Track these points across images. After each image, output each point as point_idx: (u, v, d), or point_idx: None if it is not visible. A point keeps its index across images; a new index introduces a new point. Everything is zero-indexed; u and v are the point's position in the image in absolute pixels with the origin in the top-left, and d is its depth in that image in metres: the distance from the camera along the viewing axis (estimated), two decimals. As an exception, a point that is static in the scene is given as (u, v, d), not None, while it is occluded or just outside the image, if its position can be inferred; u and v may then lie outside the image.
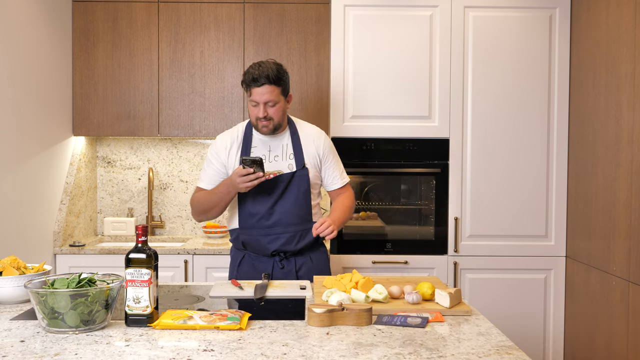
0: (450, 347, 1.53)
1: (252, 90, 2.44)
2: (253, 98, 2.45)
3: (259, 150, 2.54)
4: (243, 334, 1.61)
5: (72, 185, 3.57)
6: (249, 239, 2.53)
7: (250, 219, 2.52)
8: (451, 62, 3.35)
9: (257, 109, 2.46)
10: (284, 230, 2.50)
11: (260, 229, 2.51)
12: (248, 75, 2.44)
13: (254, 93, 2.44)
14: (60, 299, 1.58)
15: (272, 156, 2.53)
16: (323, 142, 2.62)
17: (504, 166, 3.38)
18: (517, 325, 3.36)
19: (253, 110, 2.48)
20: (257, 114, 2.46)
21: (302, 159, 2.54)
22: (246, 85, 2.46)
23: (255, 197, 2.50)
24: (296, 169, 2.52)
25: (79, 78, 3.63)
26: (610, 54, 2.92)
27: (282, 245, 2.50)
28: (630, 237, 2.71)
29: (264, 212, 2.50)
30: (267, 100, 2.44)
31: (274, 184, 2.48)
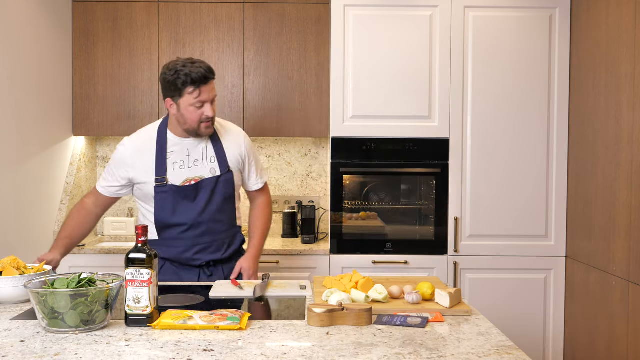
0: (450, 347, 1.53)
1: (201, 89, 2.24)
2: (202, 98, 2.24)
3: (176, 156, 2.34)
4: (243, 334, 1.61)
5: (72, 185, 3.57)
6: (173, 252, 2.36)
7: (172, 231, 2.35)
8: (451, 62, 3.35)
9: (202, 109, 2.26)
10: (213, 239, 2.38)
11: (186, 240, 2.35)
12: (193, 75, 2.22)
13: (203, 92, 2.24)
14: (60, 299, 1.58)
15: (191, 161, 2.34)
16: (244, 141, 2.48)
17: (504, 166, 3.38)
18: (517, 325, 3.35)
19: (196, 113, 2.26)
20: (204, 114, 2.27)
21: (226, 162, 2.39)
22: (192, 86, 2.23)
23: (177, 207, 2.32)
24: (220, 172, 2.37)
25: (79, 78, 3.63)
26: (610, 54, 2.92)
27: (210, 254, 2.38)
28: (630, 237, 2.71)
29: (190, 222, 2.33)
30: (213, 97, 2.29)
31: (197, 191, 2.34)
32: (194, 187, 2.33)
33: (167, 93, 2.30)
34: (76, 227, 2.42)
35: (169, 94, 2.30)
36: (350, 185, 3.46)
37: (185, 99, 2.25)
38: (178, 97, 2.27)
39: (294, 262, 3.37)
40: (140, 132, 2.44)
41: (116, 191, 2.43)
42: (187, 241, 2.35)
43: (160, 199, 2.33)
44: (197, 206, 2.34)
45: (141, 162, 2.35)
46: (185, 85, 2.23)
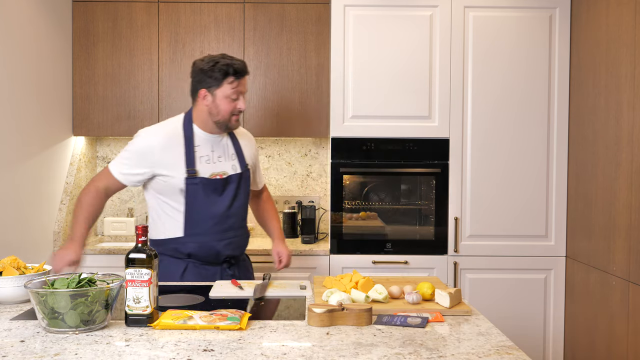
0: (450, 347, 1.53)
1: (240, 80, 2.34)
2: (239, 89, 2.34)
3: (202, 150, 2.39)
4: (243, 334, 1.61)
5: (72, 185, 3.57)
6: (199, 246, 2.36)
7: (204, 224, 2.36)
8: (451, 62, 3.35)
9: (237, 101, 2.35)
10: (235, 234, 2.42)
11: (215, 234, 2.37)
12: (234, 66, 2.31)
13: (241, 84, 2.34)
14: (60, 299, 1.58)
15: (215, 156, 2.41)
16: (254, 143, 2.63)
17: (504, 166, 3.38)
18: (517, 325, 3.36)
19: (230, 104, 2.34)
20: (237, 106, 2.35)
21: (244, 160, 2.48)
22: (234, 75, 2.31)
23: (207, 200, 2.35)
24: (240, 169, 2.45)
25: (79, 78, 3.63)
26: (610, 54, 2.92)
27: (233, 250, 2.42)
28: (630, 237, 2.71)
29: (219, 215, 2.37)
30: (246, 91, 2.40)
31: (225, 185, 2.39)
32: (224, 181, 2.39)
33: (201, 84, 2.35)
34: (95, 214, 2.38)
35: (204, 85, 2.35)
36: (350, 185, 3.46)
37: (223, 89, 2.32)
38: (215, 87, 2.33)
39: (294, 262, 3.36)
40: (164, 126, 2.42)
41: (138, 181, 2.39)
42: (215, 235, 2.37)
43: (191, 190, 2.34)
44: (224, 200, 2.39)
45: (170, 155, 2.34)
46: (227, 75, 2.30)
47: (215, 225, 2.36)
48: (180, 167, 2.33)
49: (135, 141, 2.38)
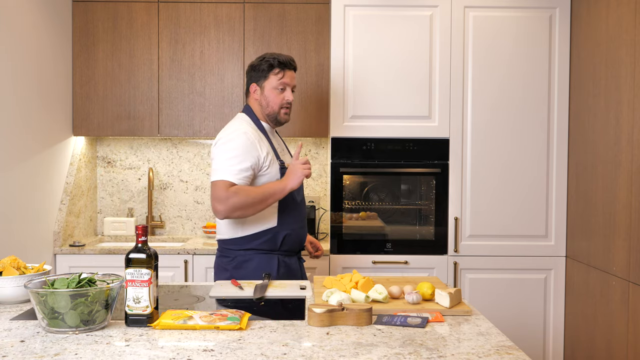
0: (450, 347, 1.53)
1: (285, 72, 2.46)
2: (284, 80, 2.46)
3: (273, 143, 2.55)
4: (243, 334, 1.61)
5: (72, 185, 3.57)
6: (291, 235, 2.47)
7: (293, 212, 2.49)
8: (451, 62, 3.35)
9: (284, 93, 2.47)
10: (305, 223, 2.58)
11: (301, 221, 2.52)
12: (280, 58, 2.46)
13: (287, 75, 2.46)
14: (60, 299, 1.58)
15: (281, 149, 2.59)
16: None
17: (504, 166, 3.38)
18: (517, 325, 3.36)
19: (279, 96, 2.47)
20: (285, 98, 2.47)
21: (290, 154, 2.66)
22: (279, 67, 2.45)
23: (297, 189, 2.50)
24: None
25: (79, 78, 3.63)
26: (610, 54, 2.92)
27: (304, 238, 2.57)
28: (630, 237, 2.71)
29: (299, 202, 2.52)
30: (294, 85, 2.50)
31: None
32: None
33: (252, 79, 2.51)
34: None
35: (253, 79, 2.50)
36: (350, 185, 3.46)
37: (270, 80, 2.46)
38: (263, 80, 2.48)
39: (294, 262, 3.37)
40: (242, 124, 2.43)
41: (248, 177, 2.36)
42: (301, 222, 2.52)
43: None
44: (300, 190, 2.54)
45: (263, 147, 2.41)
46: (272, 67, 2.45)
47: (299, 214, 2.51)
48: (272, 159, 2.44)
49: (234, 142, 2.35)
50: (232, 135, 2.37)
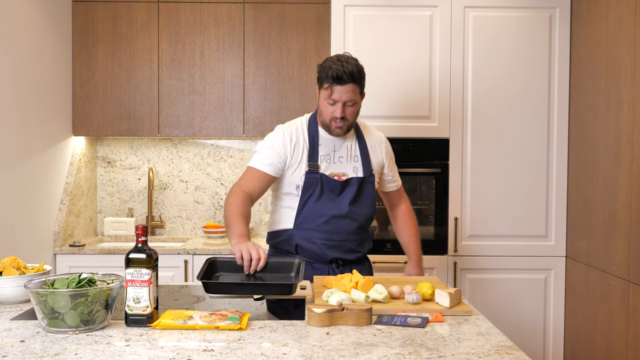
0: (450, 347, 1.53)
1: (333, 87, 2.25)
2: (333, 97, 2.26)
3: (323, 148, 2.37)
4: (243, 334, 1.61)
5: (72, 185, 3.57)
6: (305, 242, 2.35)
7: (314, 220, 2.34)
8: (451, 62, 3.35)
9: (334, 107, 2.28)
10: (347, 238, 2.37)
11: (322, 233, 2.33)
12: (331, 72, 2.24)
13: (335, 91, 2.25)
14: (60, 299, 1.58)
15: (336, 157, 2.38)
16: (386, 147, 2.51)
17: (504, 166, 3.38)
18: (517, 325, 3.36)
19: (328, 109, 2.29)
20: (333, 113, 2.28)
21: (369, 165, 2.41)
22: (327, 82, 2.26)
23: (322, 198, 2.34)
24: (364, 174, 2.39)
25: (79, 78, 3.63)
26: (610, 54, 2.92)
27: (341, 253, 2.37)
28: (630, 237, 2.71)
29: (331, 215, 2.34)
30: (348, 100, 2.27)
31: (344, 187, 2.36)
32: (343, 183, 2.35)
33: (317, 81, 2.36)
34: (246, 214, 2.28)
35: (317, 82, 2.35)
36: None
37: (322, 92, 2.31)
38: (320, 88, 2.33)
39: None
40: (292, 123, 2.44)
41: (279, 170, 2.35)
42: (322, 234, 2.34)
43: (308, 184, 2.33)
44: (341, 202, 2.35)
45: (297, 147, 2.35)
46: (323, 80, 2.28)
47: (324, 224, 2.33)
48: (302, 162, 2.35)
49: (269, 136, 2.41)
50: (270, 134, 2.43)
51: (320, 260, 2.38)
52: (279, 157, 2.35)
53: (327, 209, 2.34)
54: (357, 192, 2.37)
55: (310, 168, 2.34)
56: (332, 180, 2.34)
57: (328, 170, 2.37)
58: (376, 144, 2.48)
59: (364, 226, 2.43)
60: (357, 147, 2.42)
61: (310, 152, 2.35)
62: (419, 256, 2.59)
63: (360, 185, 2.38)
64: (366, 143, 2.44)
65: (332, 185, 2.34)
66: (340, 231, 2.36)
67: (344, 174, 2.37)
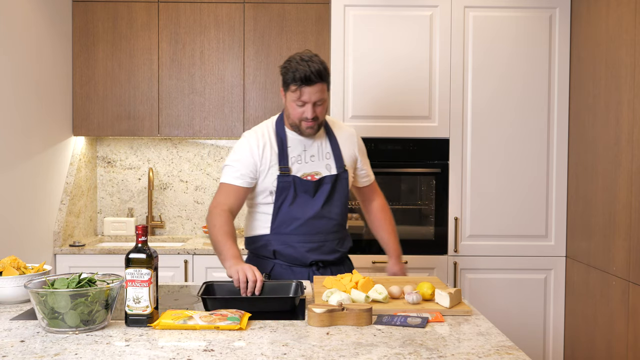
0: (450, 347, 1.53)
1: (302, 89, 2.20)
2: (303, 98, 2.21)
3: (293, 150, 2.33)
4: (243, 334, 1.61)
5: (72, 185, 3.57)
6: (284, 247, 2.31)
7: (290, 224, 2.31)
8: (451, 62, 3.35)
9: (303, 109, 2.23)
10: (326, 238, 2.34)
11: (301, 236, 2.30)
12: (298, 73, 2.18)
13: (304, 93, 2.20)
14: (60, 299, 1.58)
15: (307, 156, 2.33)
16: (357, 141, 2.49)
17: (504, 166, 3.38)
18: (517, 325, 3.36)
19: (297, 110, 2.24)
20: (303, 114, 2.24)
21: (342, 161, 2.38)
22: (295, 84, 2.20)
23: (297, 200, 2.30)
24: (337, 171, 2.36)
25: (79, 78, 3.63)
26: (610, 54, 2.92)
27: (321, 254, 2.34)
28: (630, 237, 2.71)
29: (307, 217, 2.30)
30: (317, 100, 2.23)
31: (317, 187, 2.32)
32: (316, 183, 2.31)
33: (282, 84, 2.31)
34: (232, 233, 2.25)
35: (282, 85, 2.30)
36: (350, 185, 3.45)
37: (289, 94, 2.26)
38: (285, 90, 2.28)
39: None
40: (258, 127, 2.41)
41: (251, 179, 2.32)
42: (300, 237, 2.30)
43: (281, 188, 2.30)
44: (316, 202, 2.32)
45: (265, 153, 2.31)
46: (289, 82, 2.23)
47: (301, 227, 2.30)
48: (273, 167, 2.31)
49: (236, 147, 2.37)
50: (240, 140, 2.38)
51: (300, 264, 2.35)
52: (249, 167, 2.31)
53: (302, 211, 2.31)
54: (331, 190, 2.34)
55: (282, 171, 2.30)
56: (305, 181, 2.31)
57: (300, 171, 2.33)
58: (347, 138, 2.44)
59: (341, 224, 2.41)
60: (328, 144, 2.39)
61: (279, 155, 2.31)
62: (398, 253, 2.55)
63: (335, 183, 2.35)
64: (337, 139, 2.41)
65: (306, 186, 2.30)
66: (319, 232, 2.33)
67: (317, 173, 2.33)
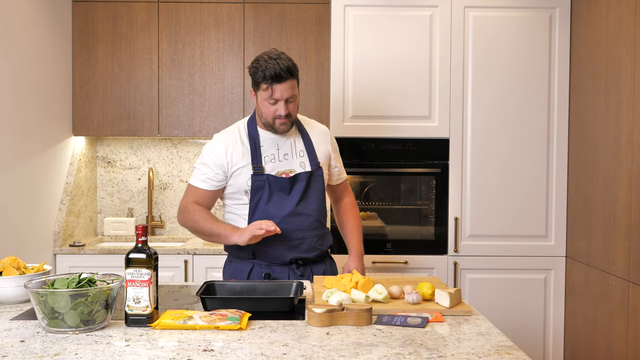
0: (450, 347, 1.53)
1: (273, 87, 2.21)
2: (275, 96, 2.22)
3: (266, 149, 2.34)
4: (243, 334, 1.61)
5: (72, 185, 3.57)
6: (262, 246, 2.29)
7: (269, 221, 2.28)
8: (451, 62, 3.35)
9: (275, 107, 2.25)
10: (304, 235, 2.33)
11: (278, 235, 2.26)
12: (268, 71, 2.19)
13: (276, 90, 2.21)
14: (60, 299, 1.58)
15: (281, 155, 2.34)
16: (330, 138, 2.50)
17: (504, 166, 3.38)
18: (517, 325, 3.36)
19: (270, 109, 2.25)
20: (277, 112, 2.25)
21: (316, 158, 2.38)
22: (266, 82, 2.21)
23: (272, 198, 2.30)
24: (311, 168, 2.36)
25: (79, 78, 3.63)
26: (610, 54, 2.92)
27: (301, 252, 2.33)
28: (630, 237, 2.71)
29: (284, 215, 2.30)
30: (289, 96, 2.24)
31: (292, 184, 2.32)
32: (290, 180, 2.31)
33: (252, 84, 2.31)
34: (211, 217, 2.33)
35: (252, 85, 2.31)
36: (351, 185, 3.45)
37: (260, 93, 2.26)
38: (256, 90, 2.29)
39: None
40: (229, 128, 2.42)
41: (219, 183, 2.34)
42: (279, 236, 2.27)
43: (256, 187, 2.30)
44: (291, 200, 2.32)
45: (236, 153, 2.32)
46: (260, 81, 2.23)
47: (278, 225, 2.25)
48: (246, 167, 2.31)
49: (205, 149, 2.39)
50: (209, 142, 2.40)
51: (279, 262, 2.34)
52: (216, 169, 2.32)
53: (279, 209, 2.30)
54: (306, 187, 2.34)
55: (255, 171, 2.30)
56: (280, 179, 2.31)
57: (274, 170, 2.33)
58: (320, 135, 2.45)
59: (320, 221, 2.39)
60: (302, 141, 2.39)
61: (252, 154, 2.32)
62: (360, 250, 2.52)
63: (309, 179, 2.35)
64: (310, 136, 2.41)
65: (281, 184, 2.31)
66: (296, 229, 2.32)
67: (291, 171, 2.33)
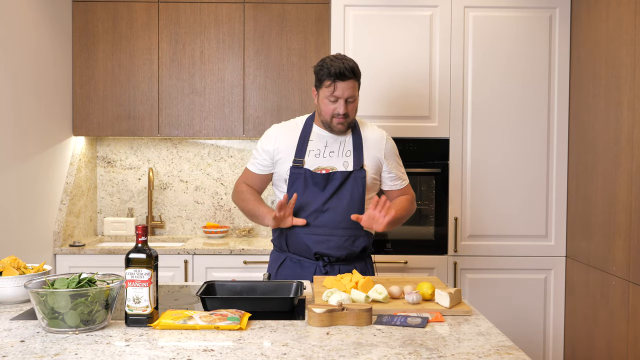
0: (450, 347, 1.53)
1: (336, 84, 2.29)
2: (336, 93, 2.30)
3: (314, 144, 2.40)
4: (243, 334, 1.61)
5: (72, 185, 3.57)
6: (291, 238, 2.39)
7: (297, 215, 2.37)
8: (451, 62, 3.35)
9: (336, 104, 2.32)
10: (331, 233, 2.36)
11: (308, 228, 2.36)
12: (333, 69, 2.29)
13: (338, 87, 2.30)
14: (60, 299, 1.58)
15: (327, 151, 2.39)
16: (386, 143, 2.48)
17: (503, 166, 3.38)
18: (517, 325, 3.36)
19: (330, 106, 2.33)
20: (336, 110, 2.32)
21: (361, 159, 2.40)
22: (329, 79, 2.30)
23: (306, 191, 2.36)
24: (353, 168, 2.38)
25: (79, 78, 3.63)
26: (610, 54, 2.92)
27: (327, 248, 2.36)
28: (630, 237, 2.71)
29: (313, 209, 2.36)
30: (349, 96, 2.32)
31: (327, 181, 2.36)
32: (326, 176, 2.36)
33: (315, 83, 2.41)
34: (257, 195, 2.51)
35: (315, 84, 2.41)
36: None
37: (323, 90, 2.35)
38: (319, 88, 2.38)
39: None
40: (290, 120, 2.54)
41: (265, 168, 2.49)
42: (306, 228, 2.36)
43: (292, 179, 2.38)
44: (323, 196, 2.37)
45: (284, 143, 2.43)
46: (324, 78, 2.32)
47: (307, 218, 2.35)
48: (289, 157, 2.41)
49: (263, 135, 2.53)
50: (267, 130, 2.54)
51: (306, 256, 2.40)
52: (264, 154, 2.47)
53: (309, 203, 2.37)
54: (340, 186, 2.36)
55: (295, 163, 2.39)
56: (316, 174, 2.36)
57: (315, 164, 2.39)
58: (375, 142, 2.46)
59: (352, 221, 2.37)
60: (352, 142, 2.43)
61: (298, 147, 2.41)
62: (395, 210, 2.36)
63: (346, 179, 2.36)
64: (362, 139, 2.44)
65: (316, 179, 2.36)
66: (323, 225, 2.36)
67: (332, 168, 2.38)
